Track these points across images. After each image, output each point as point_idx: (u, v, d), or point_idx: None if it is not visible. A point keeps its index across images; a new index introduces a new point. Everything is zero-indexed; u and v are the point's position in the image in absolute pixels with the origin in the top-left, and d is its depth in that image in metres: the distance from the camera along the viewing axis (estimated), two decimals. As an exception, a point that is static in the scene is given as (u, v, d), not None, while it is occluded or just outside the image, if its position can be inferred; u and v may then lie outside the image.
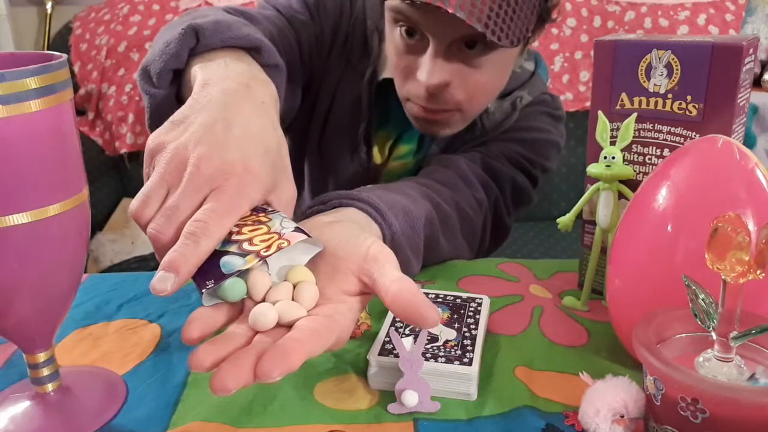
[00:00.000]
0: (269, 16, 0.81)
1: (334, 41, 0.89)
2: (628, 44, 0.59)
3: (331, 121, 0.91)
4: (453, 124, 0.82)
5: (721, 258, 0.39)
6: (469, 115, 0.82)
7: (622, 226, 0.53)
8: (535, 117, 0.90)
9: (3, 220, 0.41)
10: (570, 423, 0.48)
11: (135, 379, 0.54)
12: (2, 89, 0.39)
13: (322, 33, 0.88)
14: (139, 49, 1.98)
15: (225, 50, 0.58)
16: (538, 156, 0.89)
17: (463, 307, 0.59)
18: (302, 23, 0.85)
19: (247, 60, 0.58)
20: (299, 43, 0.85)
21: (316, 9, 0.88)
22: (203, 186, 0.43)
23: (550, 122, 0.92)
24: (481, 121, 0.87)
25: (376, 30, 0.88)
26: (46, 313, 0.46)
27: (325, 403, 0.51)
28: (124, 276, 0.73)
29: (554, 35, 1.90)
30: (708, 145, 0.50)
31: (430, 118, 0.80)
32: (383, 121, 0.93)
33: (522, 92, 0.89)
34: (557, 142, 0.92)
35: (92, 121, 2.04)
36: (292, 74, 0.82)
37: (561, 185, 1.82)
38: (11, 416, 0.48)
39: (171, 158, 0.45)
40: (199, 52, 0.58)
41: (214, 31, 0.58)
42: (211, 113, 0.47)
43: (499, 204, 0.85)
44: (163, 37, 0.61)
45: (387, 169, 0.95)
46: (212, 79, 0.52)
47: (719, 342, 0.42)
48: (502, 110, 0.88)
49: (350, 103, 0.90)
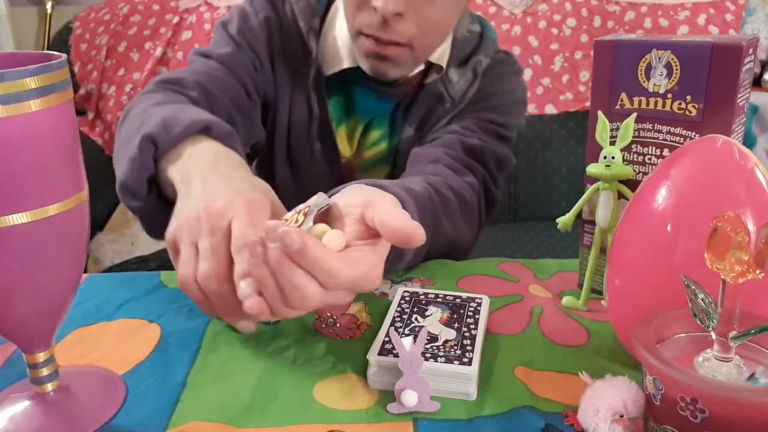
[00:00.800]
0: (198, 70, 0.84)
1: (272, 57, 0.91)
2: (627, 44, 0.59)
3: (293, 130, 0.93)
4: (403, 63, 0.84)
5: (721, 258, 0.39)
6: (419, 53, 0.85)
7: (621, 226, 0.53)
8: (499, 80, 0.94)
9: (3, 220, 0.41)
10: (569, 423, 0.48)
11: (134, 379, 0.54)
12: (2, 89, 0.39)
13: (257, 56, 0.90)
14: (139, 49, 1.98)
15: (182, 142, 0.64)
16: (510, 118, 0.93)
17: (462, 307, 0.59)
18: (233, 59, 0.88)
19: (204, 141, 0.64)
20: (238, 78, 0.87)
21: (242, 37, 0.90)
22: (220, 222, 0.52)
23: (513, 80, 0.96)
24: (448, 93, 0.90)
25: (311, 29, 0.90)
26: (45, 313, 0.47)
27: (324, 403, 0.51)
28: (124, 276, 0.73)
29: (554, 35, 1.90)
30: (707, 145, 0.50)
31: (381, 53, 0.82)
32: (348, 112, 0.95)
33: (479, 57, 0.93)
34: (524, 98, 0.98)
35: (92, 121, 2.03)
36: (244, 109, 0.86)
37: (561, 185, 1.82)
38: (11, 416, 0.48)
39: (185, 229, 0.54)
40: (162, 155, 0.64)
41: (165, 132, 0.63)
42: (201, 197, 0.56)
43: (486, 181, 0.88)
44: (124, 153, 0.66)
45: (362, 159, 0.96)
46: (188, 173, 0.60)
47: (718, 342, 0.42)
48: (465, 78, 0.91)
49: (304, 107, 0.92)
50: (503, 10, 1.93)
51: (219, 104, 0.81)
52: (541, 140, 1.82)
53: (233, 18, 0.92)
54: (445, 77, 0.91)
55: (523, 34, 1.88)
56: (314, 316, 0.63)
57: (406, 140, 0.93)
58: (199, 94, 0.79)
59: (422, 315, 0.58)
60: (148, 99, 0.74)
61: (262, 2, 0.93)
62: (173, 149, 0.63)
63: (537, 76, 1.86)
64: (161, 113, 0.67)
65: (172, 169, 0.62)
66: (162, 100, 0.74)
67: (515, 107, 0.95)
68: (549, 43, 1.91)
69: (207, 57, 0.87)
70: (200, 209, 0.53)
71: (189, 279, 0.53)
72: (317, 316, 0.63)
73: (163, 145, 0.63)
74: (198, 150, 0.63)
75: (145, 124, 0.66)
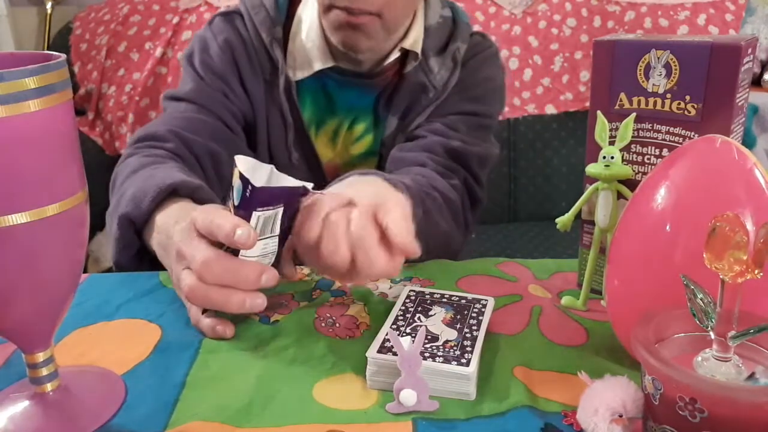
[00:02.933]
0: (171, 117, 0.88)
1: (241, 76, 0.92)
2: (627, 44, 0.59)
3: (272, 142, 0.95)
4: (374, 33, 0.85)
5: (720, 257, 0.39)
6: (390, 24, 0.86)
7: (620, 226, 0.53)
8: (479, 68, 0.96)
9: (3, 220, 0.41)
10: (568, 423, 0.48)
11: (134, 379, 0.54)
12: (1, 89, 0.39)
13: (225, 83, 0.91)
14: (139, 49, 1.98)
15: (154, 212, 0.68)
16: (492, 106, 0.97)
17: (467, 308, 0.59)
18: (203, 95, 0.90)
19: (171, 207, 0.68)
20: (211, 113, 0.88)
21: (206, 68, 0.91)
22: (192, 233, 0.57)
23: (492, 64, 0.99)
24: (430, 82, 0.92)
25: (274, 39, 0.91)
26: (45, 313, 0.47)
27: (323, 403, 0.51)
28: (124, 276, 0.73)
29: (554, 35, 1.90)
30: (707, 144, 0.50)
31: (353, 22, 0.84)
32: (330, 111, 0.95)
33: (456, 44, 0.94)
34: (503, 83, 1.01)
35: (92, 121, 2.03)
36: (226, 141, 0.88)
37: (561, 185, 1.82)
38: (10, 416, 0.48)
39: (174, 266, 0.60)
40: (141, 227, 0.69)
41: (137, 209, 0.68)
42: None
43: (469, 182, 0.90)
44: (110, 231, 0.73)
45: (348, 156, 0.97)
46: (162, 246, 0.65)
47: (717, 341, 0.42)
48: (446, 67, 0.93)
49: (279, 117, 0.93)
50: (503, 10, 1.93)
51: (197, 146, 0.84)
52: (541, 140, 1.81)
53: (194, 49, 0.94)
54: (426, 66, 0.92)
55: (523, 34, 1.88)
56: (314, 316, 0.63)
57: (390, 131, 0.94)
58: (176, 144, 0.83)
59: (425, 315, 0.58)
60: (126, 166, 0.79)
61: (220, 24, 0.94)
62: (148, 222, 0.68)
63: (537, 76, 1.86)
64: (132, 187, 0.72)
65: (152, 243, 0.67)
66: (137, 165, 0.77)
67: (496, 94, 0.99)
68: (549, 43, 1.90)
69: (178, 100, 0.90)
70: (174, 248, 0.59)
71: (192, 285, 0.55)
72: (316, 316, 0.63)
73: (138, 220, 0.68)
74: (164, 219, 0.66)
75: (121, 201, 0.71)
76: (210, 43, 0.93)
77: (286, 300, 0.66)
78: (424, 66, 0.92)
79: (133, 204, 0.68)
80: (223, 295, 0.55)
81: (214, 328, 0.59)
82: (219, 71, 0.91)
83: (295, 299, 0.66)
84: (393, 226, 0.55)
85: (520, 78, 1.84)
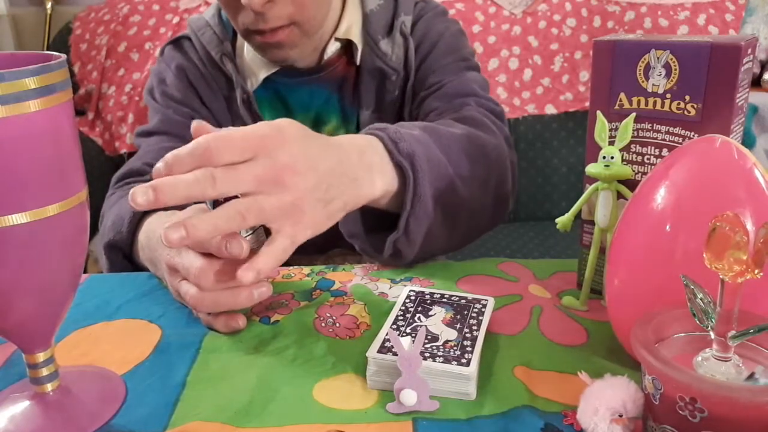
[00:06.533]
0: (144, 152, 0.92)
1: (202, 98, 0.94)
2: (626, 44, 0.59)
3: None
4: (296, 41, 0.86)
5: (720, 257, 0.39)
6: (307, 27, 0.86)
7: (620, 226, 0.53)
8: (429, 27, 0.96)
9: (2, 220, 0.41)
10: (569, 422, 0.48)
11: (134, 379, 0.54)
12: (1, 89, 0.39)
13: (190, 107, 0.93)
14: (139, 49, 1.98)
15: (135, 234, 0.73)
16: (462, 49, 0.96)
17: (467, 308, 0.59)
18: (171, 124, 0.92)
19: (152, 217, 0.72)
20: (182, 140, 0.91)
21: (166, 99, 0.93)
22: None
23: (441, 20, 0.97)
24: (388, 65, 0.92)
25: (224, 54, 0.93)
26: (45, 313, 0.47)
27: (324, 403, 0.51)
28: (124, 276, 0.73)
29: (554, 35, 1.90)
30: (706, 144, 0.50)
31: (271, 41, 0.84)
32: (288, 116, 0.96)
33: (400, 19, 0.94)
34: (460, 29, 0.99)
35: (92, 121, 2.03)
36: None
37: (561, 185, 1.82)
38: (10, 416, 0.48)
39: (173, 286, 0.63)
40: (128, 251, 0.75)
41: (118, 234, 0.74)
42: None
43: (480, 101, 0.89)
44: (103, 267, 0.79)
45: None
46: (150, 262, 0.69)
47: (717, 341, 0.42)
48: (397, 45, 0.93)
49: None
50: (503, 10, 1.93)
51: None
52: (541, 140, 1.81)
53: (152, 83, 0.96)
54: (378, 51, 0.92)
55: (523, 34, 1.88)
56: (314, 316, 0.63)
57: (366, 125, 0.93)
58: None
59: (425, 315, 0.58)
60: (107, 205, 0.85)
61: (170, 53, 0.96)
62: (133, 244, 0.73)
63: (537, 76, 1.86)
64: (111, 216, 0.77)
65: (142, 261, 0.72)
66: (117, 199, 0.83)
67: (459, 39, 0.97)
68: (549, 43, 1.91)
69: (148, 135, 0.92)
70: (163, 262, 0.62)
71: (196, 296, 0.57)
72: (317, 316, 0.63)
73: (122, 243, 0.73)
74: (146, 236, 0.70)
75: (105, 232, 0.77)
76: (165, 74, 0.95)
77: (287, 300, 0.66)
78: (377, 51, 0.92)
79: (113, 231, 0.73)
80: (229, 295, 0.57)
81: (228, 324, 0.60)
82: (179, 98, 0.93)
83: (296, 299, 0.66)
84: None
85: (520, 78, 1.84)
